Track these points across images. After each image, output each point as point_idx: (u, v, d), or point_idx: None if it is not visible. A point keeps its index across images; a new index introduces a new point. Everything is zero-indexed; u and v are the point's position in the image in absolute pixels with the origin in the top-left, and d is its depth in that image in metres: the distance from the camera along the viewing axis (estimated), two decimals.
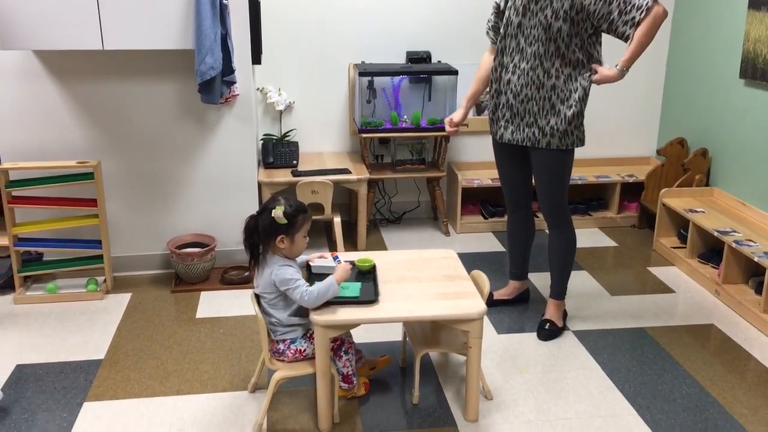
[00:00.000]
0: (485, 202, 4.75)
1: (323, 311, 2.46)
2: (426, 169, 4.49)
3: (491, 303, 3.47)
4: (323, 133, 4.61)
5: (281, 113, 4.49)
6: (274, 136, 4.42)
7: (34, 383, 2.89)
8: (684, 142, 4.54)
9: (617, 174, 4.73)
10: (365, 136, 4.31)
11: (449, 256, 2.97)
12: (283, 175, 4.08)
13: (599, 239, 4.51)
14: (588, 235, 4.52)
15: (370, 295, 2.55)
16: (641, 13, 2.79)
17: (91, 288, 3.64)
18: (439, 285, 2.70)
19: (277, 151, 4.24)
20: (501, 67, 3.09)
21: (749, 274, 3.66)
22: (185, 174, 3.82)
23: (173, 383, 2.90)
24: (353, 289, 2.57)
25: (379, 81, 4.40)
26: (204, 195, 3.86)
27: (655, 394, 2.85)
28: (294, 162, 4.24)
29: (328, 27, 4.41)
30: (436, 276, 2.77)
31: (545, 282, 3.52)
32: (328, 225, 4.49)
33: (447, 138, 4.37)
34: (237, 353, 3.12)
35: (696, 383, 2.93)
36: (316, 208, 3.96)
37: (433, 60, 4.50)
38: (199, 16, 3.26)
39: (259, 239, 2.54)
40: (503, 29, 3.05)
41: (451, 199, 4.69)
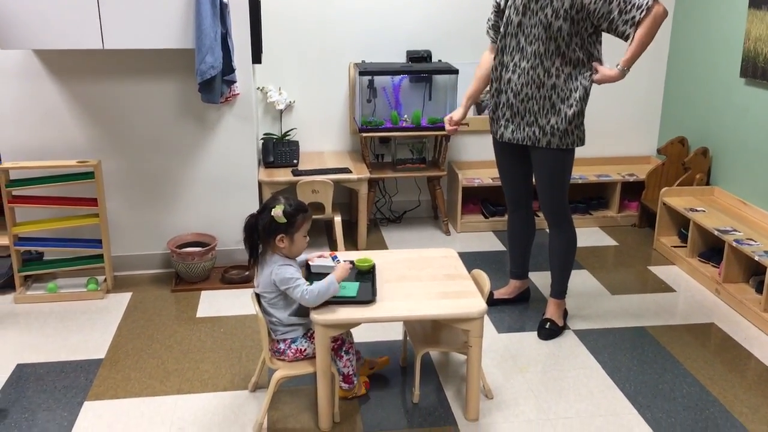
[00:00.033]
0: (486, 201, 4.75)
1: (323, 310, 2.46)
2: (426, 169, 4.49)
3: (492, 302, 3.47)
4: (324, 133, 4.61)
5: (281, 112, 4.49)
6: (274, 135, 4.42)
7: (34, 383, 2.89)
8: (684, 141, 4.53)
9: (618, 173, 4.73)
10: (366, 135, 4.31)
11: (450, 255, 2.97)
12: (284, 175, 4.08)
13: (600, 238, 4.51)
14: (588, 235, 4.52)
15: (367, 295, 2.55)
16: (641, 13, 2.79)
17: (92, 287, 3.64)
18: (440, 284, 2.70)
19: (278, 151, 4.23)
20: (501, 66, 3.09)
21: (750, 273, 3.66)
22: (186, 173, 3.82)
23: (174, 382, 2.90)
24: (351, 289, 2.57)
25: (380, 80, 4.40)
26: (204, 194, 3.87)
27: (656, 393, 2.85)
28: (294, 161, 4.24)
29: (328, 26, 4.41)
30: (436, 275, 2.77)
31: (546, 281, 3.51)
32: (328, 224, 4.49)
33: (447, 137, 4.37)
34: (237, 352, 3.12)
35: (696, 382, 2.93)
36: (316, 207, 3.96)
37: (434, 59, 4.50)
38: (200, 15, 3.26)
39: (259, 238, 2.55)
40: (503, 28, 3.05)
41: (452, 199, 4.69)
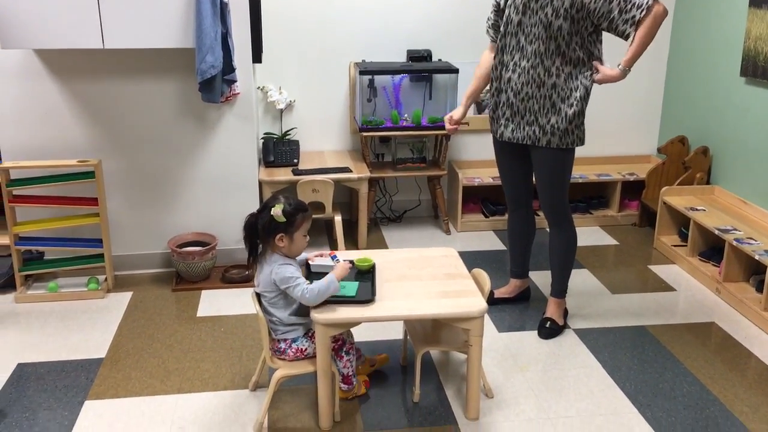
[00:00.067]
0: (486, 200, 4.75)
1: (324, 310, 2.46)
2: (427, 168, 4.49)
3: (492, 301, 3.47)
4: (324, 132, 4.61)
5: (282, 112, 4.49)
6: (274, 134, 4.42)
7: (35, 382, 2.89)
8: (685, 140, 4.53)
9: (618, 172, 4.73)
10: (366, 134, 4.31)
11: (450, 254, 2.97)
12: (284, 174, 4.08)
13: (600, 237, 4.51)
14: (589, 234, 4.52)
15: (367, 295, 2.55)
16: (641, 12, 2.79)
17: (92, 287, 3.64)
18: (440, 283, 2.70)
19: (278, 150, 4.24)
20: (501, 66, 3.09)
21: (750, 272, 3.66)
22: (186, 173, 3.82)
23: (174, 382, 2.90)
24: (350, 289, 2.57)
25: (380, 79, 4.40)
26: (205, 194, 3.87)
27: (656, 392, 2.85)
28: (295, 161, 4.24)
29: (328, 25, 4.41)
30: (436, 274, 2.77)
31: (546, 280, 3.52)
32: (328, 224, 4.49)
33: (448, 136, 4.37)
34: (238, 352, 3.12)
35: (697, 381, 2.93)
36: (316, 206, 3.96)
37: (434, 58, 4.50)
38: (200, 14, 3.26)
39: (259, 238, 2.55)
40: (503, 27, 3.05)
41: (452, 198, 4.69)
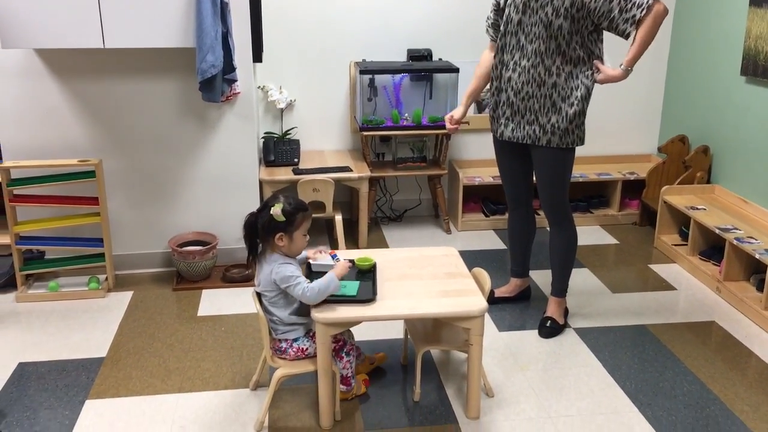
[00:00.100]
0: (486, 199, 4.75)
1: (324, 309, 2.46)
2: (427, 167, 4.49)
3: (492, 300, 3.47)
4: (324, 131, 4.61)
5: (282, 111, 4.49)
6: (275, 134, 4.42)
7: (36, 381, 2.90)
8: (685, 139, 4.53)
9: (618, 171, 4.73)
10: (366, 134, 4.31)
11: (450, 253, 2.97)
12: (285, 173, 4.09)
13: (600, 237, 4.51)
14: (589, 233, 4.52)
15: (368, 294, 2.55)
16: (642, 11, 2.79)
17: (93, 286, 3.65)
18: (441, 282, 2.70)
19: (279, 149, 4.24)
20: (501, 65, 3.09)
21: (750, 271, 3.66)
22: (186, 172, 3.82)
23: (175, 381, 2.90)
24: (351, 288, 2.57)
25: (380, 79, 4.40)
26: (205, 193, 3.87)
27: (657, 391, 2.85)
28: (295, 160, 4.25)
29: (329, 25, 4.41)
30: (437, 273, 2.78)
31: (546, 279, 3.52)
32: (329, 223, 4.49)
33: (448, 136, 4.37)
34: (238, 351, 3.13)
35: (697, 380, 2.93)
36: (317, 206, 3.96)
37: (434, 58, 4.50)
38: (200, 14, 3.26)
39: (259, 237, 2.55)
40: (503, 27, 3.05)
41: (453, 197, 4.69)
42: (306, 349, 2.58)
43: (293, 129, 4.51)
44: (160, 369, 2.99)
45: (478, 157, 4.76)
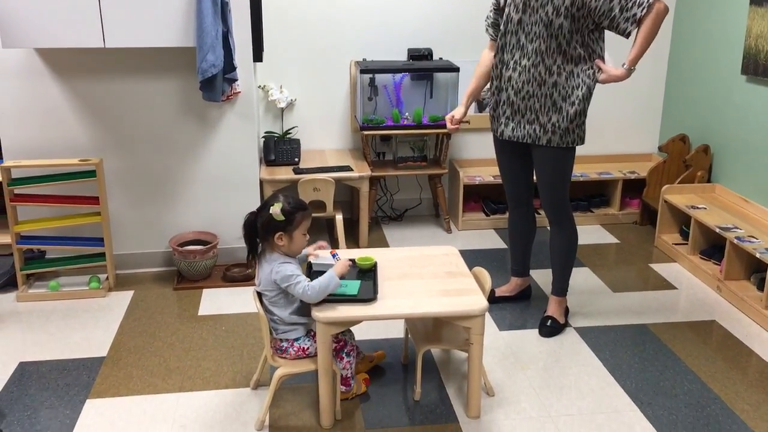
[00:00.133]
0: (487, 199, 4.75)
1: (325, 308, 2.46)
2: (428, 167, 4.49)
3: (493, 300, 3.47)
4: (325, 131, 4.61)
5: (283, 111, 4.49)
6: (275, 133, 4.42)
7: (36, 381, 2.90)
8: (686, 138, 4.53)
9: (619, 170, 4.73)
10: (367, 133, 4.31)
11: (451, 253, 2.97)
12: (285, 173, 4.09)
13: (601, 236, 4.51)
14: (590, 232, 4.52)
15: (369, 294, 2.55)
16: (642, 10, 2.79)
17: (94, 286, 3.65)
18: (441, 282, 2.70)
19: (279, 149, 4.24)
20: (501, 64, 3.09)
21: (751, 270, 3.66)
22: (187, 172, 3.82)
23: (175, 380, 2.90)
24: (352, 287, 2.57)
25: (381, 78, 4.40)
26: (206, 192, 3.87)
27: (657, 390, 2.85)
28: (296, 159, 4.25)
29: (329, 24, 4.41)
30: (437, 273, 2.78)
31: (547, 279, 3.52)
32: (329, 222, 4.49)
33: (448, 135, 4.37)
34: (239, 350, 3.13)
35: (698, 379, 2.93)
36: (317, 205, 3.97)
37: (435, 57, 4.50)
38: (201, 13, 3.26)
39: (258, 236, 2.55)
40: (503, 26, 3.05)
41: (453, 196, 4.69)
42: (307, 349, 2.58)
43: (294, 128, 4.51)
44: (160, 368, 2.99)
45: (478, 157, 4.76)
